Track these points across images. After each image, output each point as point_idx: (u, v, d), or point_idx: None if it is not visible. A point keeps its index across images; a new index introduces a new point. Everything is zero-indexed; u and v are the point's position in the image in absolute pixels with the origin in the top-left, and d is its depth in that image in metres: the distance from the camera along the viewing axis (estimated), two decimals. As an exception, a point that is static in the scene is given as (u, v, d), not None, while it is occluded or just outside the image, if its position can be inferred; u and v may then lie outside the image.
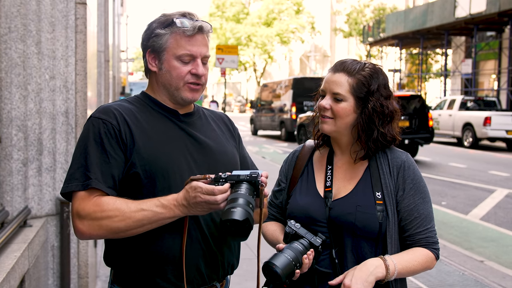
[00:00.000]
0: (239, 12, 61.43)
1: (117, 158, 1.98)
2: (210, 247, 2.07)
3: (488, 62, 32.82)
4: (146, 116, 2.09)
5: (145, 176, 1.99)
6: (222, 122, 2.35)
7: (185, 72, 2.08)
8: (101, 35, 6.88)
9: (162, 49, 2.08)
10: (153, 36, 2.09)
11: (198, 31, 2.07)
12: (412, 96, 17.93)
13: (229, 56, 21.37)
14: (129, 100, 2.18)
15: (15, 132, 3.62)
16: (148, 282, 2.03)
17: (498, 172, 14.50)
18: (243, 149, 2.39)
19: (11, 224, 3.27)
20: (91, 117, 2.07)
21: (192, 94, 2.12)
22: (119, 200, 1.93)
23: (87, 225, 1.92)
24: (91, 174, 1.94)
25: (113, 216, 1.89)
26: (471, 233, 8.26)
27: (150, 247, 2.01)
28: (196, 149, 2.11)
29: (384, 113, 2.18)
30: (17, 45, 3.59)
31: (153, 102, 2.15)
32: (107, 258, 2.13)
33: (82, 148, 2.00)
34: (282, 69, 74.45)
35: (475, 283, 5.73)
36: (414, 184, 2.19)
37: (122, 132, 2.00)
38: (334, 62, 2.32)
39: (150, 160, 2.00)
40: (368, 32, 42.89)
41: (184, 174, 2.03)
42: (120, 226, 1.90)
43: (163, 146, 2.04)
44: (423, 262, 2.14)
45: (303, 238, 2.09)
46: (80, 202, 1.94)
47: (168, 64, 2.08)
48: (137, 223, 1.89)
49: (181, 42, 2.06)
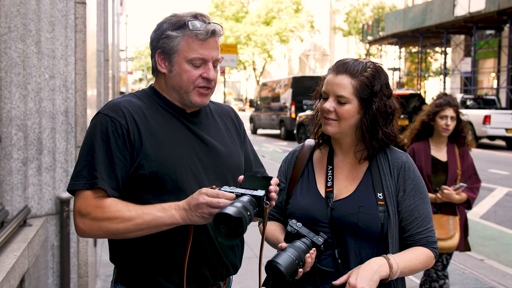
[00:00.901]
0: (238, 11, 61.41)
1: (122, 159, 1.97)
2: (216, 250, 2.07)
3: (488, 60, 32.81)
4: (155, 114, 2.07)
5: (152, 178, 1.98)
6: (228, 118, 2.33)
7: (196, 75, 2.05)
8: (101, 34, 6.87)
9: (173, 51, 2.05)
10: (164, 38, 2.06)
11: (211, 35, 2.04)
12: (412, 94, 17.97)
13: (229, 55, 21.40)
14: (138, 95, 2.14)
15: (15, 132, 3.61)
16: (151, 282, 2.03)
17: (497, 170, 14.50)
18: (247, 145, 2.37)
19: (11, 224, 3.27)
20: (99, 113, 2.03)
21: (201, 99, 2.10)
22: (121, 203, 1.92)
23: (87, 224, 1.93)
24: (97, 173, 1.93)
25: (113, 218, 1.89)
26: (471, 232, 8.21)
27: (156, 247, 2.01)
28: (203, 151, 2.10)
29: (387, 112, 2.19)
30: (16, 44, 3.59)
31: (161, 99, 2.13)
32: (112, 256, 2.13)
33: (89, 145, 1.98)
34: (281, 68, 74.44)
35: (475, 281, 5.73)
36: (415, 185, 2.21)
37: (131, 133, 1.98)
38: (334, 61, 2.31)
39: (158, 162, 1.98)
40: (368, 31, 42.89)
41: (191, 177, 2.02)
42: (119, 228, 1.90)
43: (171, 148, 2.03)
44: (423, 261, 2.17)
45: (305, 237, 2.09)
46: (83, 201, 1.93)
47: (179, 67, 2.05)
48: (136, 226, 1.89)
49: (193, 46, 2.03)
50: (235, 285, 1.89)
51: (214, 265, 2.08)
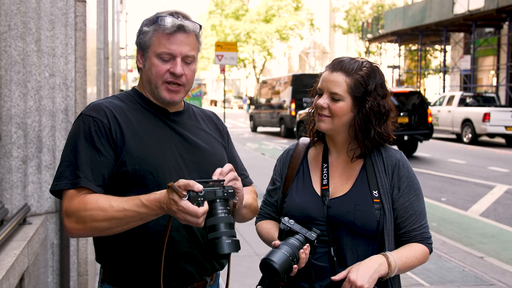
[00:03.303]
0: (238, 9, 61.36)
1: (108, 156, 1.98)
2: (200, 246, 2.08)
3: (487, 58, 32.80)
4: (137, 114, 2.09)
5: (134, 175, 1.99)
6: (211, 121, 2.34)
7: (163, 70, 2.08)
8: (101, 32, 6.86)
9: (146, 46, 2.10)
10: (140, 34, 2.13)
11: (177, 29, 2.06)
12: (411, 92, 17.93)
13: (229, 53, 21.40)
14: (120, 96, 2.17)
15: (14, 130, 3.61)
16: (138, 280, 2.03)
17: (497, 168, 14.52)
18: (232, 148, 2.39)
19: (10, 222, 3.27)
20: (81, 115, 2.06)
21: (170, 95, 2.10)
22: (102, 198, 1.91)
23: (74, 223, 1.92)
24: (80, 172, 1.94)
25: (96, 216, 1.87)
26: (471, 229, 8.27)
27: (140, 245, 2.01)
28: (185, 149, 2.12)
29: (381, 112, 2.20)
30: (16, 43, 3.58)
31: (143, 99, 2.15)
32: (98, 255, 2.14)
33: (72, 146, 1.99)
34: (281, 65, 74.40)
35: (475, 279, 5.74)
36: (409, 182, 2.23)
37: (113, 131, 2.00)
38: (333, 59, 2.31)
39: (140, 159, 2.00)
40: (367, 29, 42.88)
41: (173, 173, 2.03)
42: (103, 225, 1.89)
43: (153, 145, 2.04)
44: (420, 258, 2.20)
45: (298, 233, 2.10)
46: (68, 201, 1.93)
47: (150, 61, 2.09)
48: (120, 221, 1.87)
49: (161, 40, 2.07)
50: (235, 283, 1.89)
51: (199, 261, 2.09)
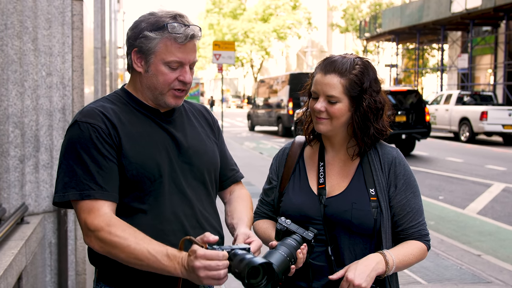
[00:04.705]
0: (236, 8, 61.35)
1: (114, 161, 1.96)
2: None
3: (484, 57, 32.83)
4: (129, 116, 2.06)
5: (132, 180, 1.98)
6: (202, 116, 2.32)
7: (172, 78, 2.04)
8: (98, 31, 6.85)
9: (150, 52, 2.03)
10: (142, 37, 2.03)
11: (190, 39, 2.03)
12: (409, 91, 17.95)
13: (226, 52, 21.35)
14: (110, 98, 2.12)
15: (11, 129, 3.61)
16: (133, 280, 2.02)
17: (495, 166, 14.54)
18: (223, 143, 2.37)
19: (8, 221, 3.27)
20: (76, 122, 1.99)
21: (176, 101, 2.09)
22: (130, 230, 1.87)
23: (93, 240, 1.89)
24: (91, 184, 1.91)
25: (118, 245, 1.84)
26: (469, 227, 8.28)
27: None
28: (179, 151, 2.10)
29: (378, 108, 2.20)
30: (13, 41, 3.58)
31: (134, 101, 2.11)
32: (91, 259, 2.10)
33: (75, 155, 1.95)
34: (279, 64, 74.41)
35: (473, 277, 5.75)
36: (406, 179, 2.22)
37: (112, 135, 1.98)
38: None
39: (137, 164, 1.98)
40: (365, 28, 42.88)
41: (167, 178, 2.03)
42: (120, 256, 1.86)
43: (148, 150, 2.02)
44: (417, 255, 2.19)
45: (295, 233, 2.08)
46: (87, 216, 1.90)
47: (156, 68, 2.03)
48: (136, 260, 1.84)
49: (171, 49, 2.01)
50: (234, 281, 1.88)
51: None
